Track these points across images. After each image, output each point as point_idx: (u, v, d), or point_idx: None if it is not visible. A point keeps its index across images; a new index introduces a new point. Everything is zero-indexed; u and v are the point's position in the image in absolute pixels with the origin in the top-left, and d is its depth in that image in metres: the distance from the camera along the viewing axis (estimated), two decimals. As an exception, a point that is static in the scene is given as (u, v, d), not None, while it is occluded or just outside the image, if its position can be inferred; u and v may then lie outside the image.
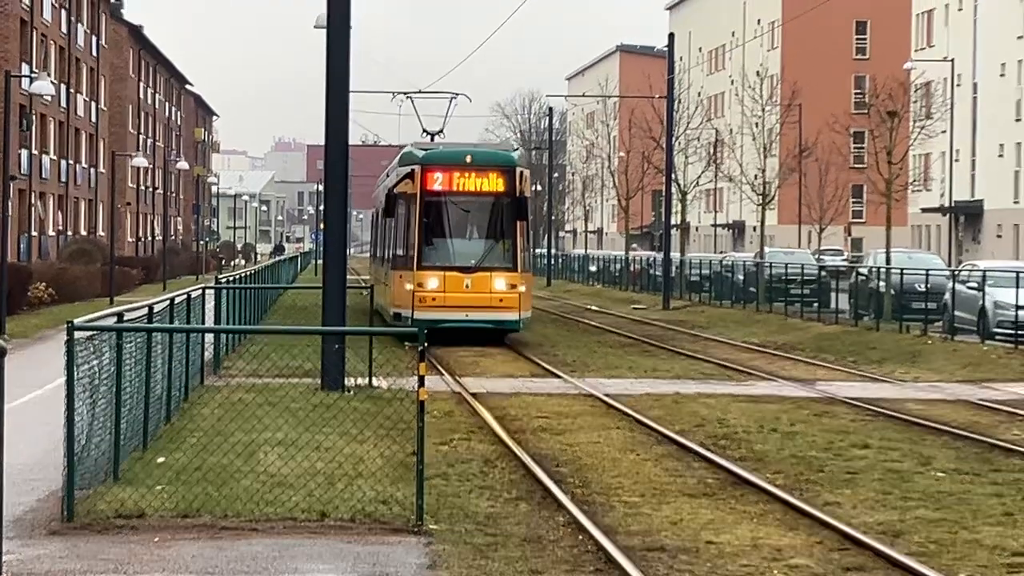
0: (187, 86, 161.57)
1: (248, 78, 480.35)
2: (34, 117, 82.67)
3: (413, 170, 45.05)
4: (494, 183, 44.62)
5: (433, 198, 44.87)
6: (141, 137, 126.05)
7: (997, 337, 43.90)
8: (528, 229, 47.27)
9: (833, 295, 60.32)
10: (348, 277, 35.95)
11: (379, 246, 59.44)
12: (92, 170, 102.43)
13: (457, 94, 53.98)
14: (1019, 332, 42.31)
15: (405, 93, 55.14)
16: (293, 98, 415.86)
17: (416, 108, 54.01)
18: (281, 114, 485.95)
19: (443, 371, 34.37)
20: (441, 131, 52.17)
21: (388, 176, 54.79)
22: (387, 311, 49.24)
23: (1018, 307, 42.48)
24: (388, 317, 48.78)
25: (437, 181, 44.30)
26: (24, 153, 78.72)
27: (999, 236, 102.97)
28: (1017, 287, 43.10)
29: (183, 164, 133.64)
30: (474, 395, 30.21)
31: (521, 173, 45.61)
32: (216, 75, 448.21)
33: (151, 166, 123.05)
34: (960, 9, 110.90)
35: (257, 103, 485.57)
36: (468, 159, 44.96)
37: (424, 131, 52.52)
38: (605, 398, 30.16)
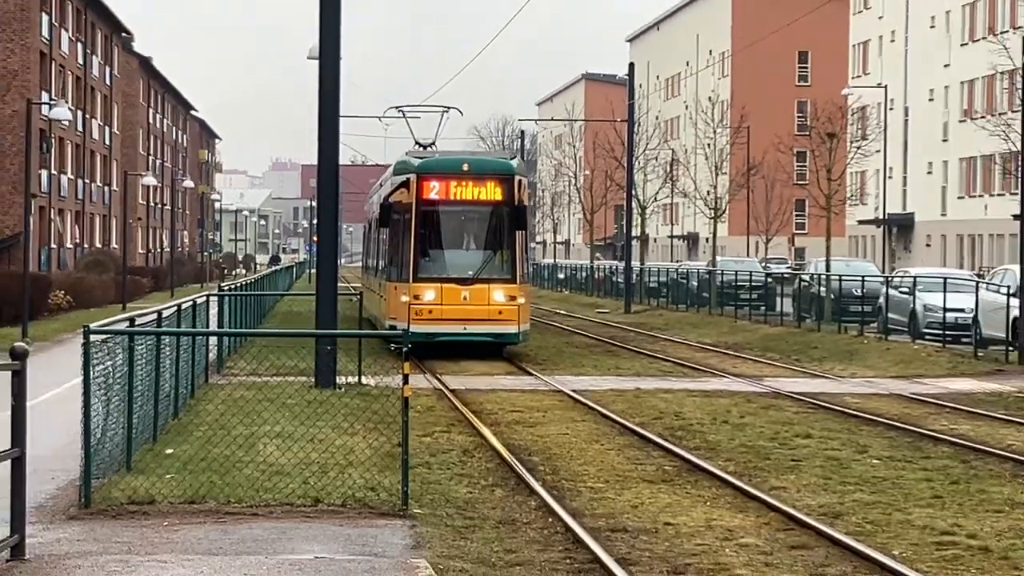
0: (192, 112, 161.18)
1: (248, 104, 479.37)
2: (53, 140, 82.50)
3: (409, 179, 39.54)
4: (492, 192, 39.21)
5: (429, 207, 39.50)
6: (150, 158, 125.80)
7: (926, 337, 44.00)
8: (527, 239, 42.30)
9: (778, 299, 60.52)
10: (339, 285, 36.05)
11: (372, 257, 52.92)
12: (106, 188, 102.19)
13: (448, 108, 48.16)
14: (946, 332, 42.42)
15: (397, 107, 48.39)
16: (289, 122, 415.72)
17: (408, 122, 48.11)
18: (278, 136, 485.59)
19: (425, 370, 34.22)
20: (433, 143, 46.83)
21: (382, 186, 49.25)
22: (381, 323, 43.54)
23: (945, 310, 42.68)
24: (383, 329, 41.84)
25: (433, 190, 38.92)
26: (44, 173, 78.51)
27: (928, 245, 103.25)
28: (944, 292, 43.30)
29: (189, 183, 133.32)
30: (453, 391, 30.17)
31: (519, 181, 40.27)
32: (218, 101, 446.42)
33: (159, 184, 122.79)
34: (892, 40, 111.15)
35: (256, 127, 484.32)
36: (465, 167, 39.59)
37: (416, 143, 46.52)
38: (572, 394, 30.13)
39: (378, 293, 45.98)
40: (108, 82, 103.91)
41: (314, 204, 46.34)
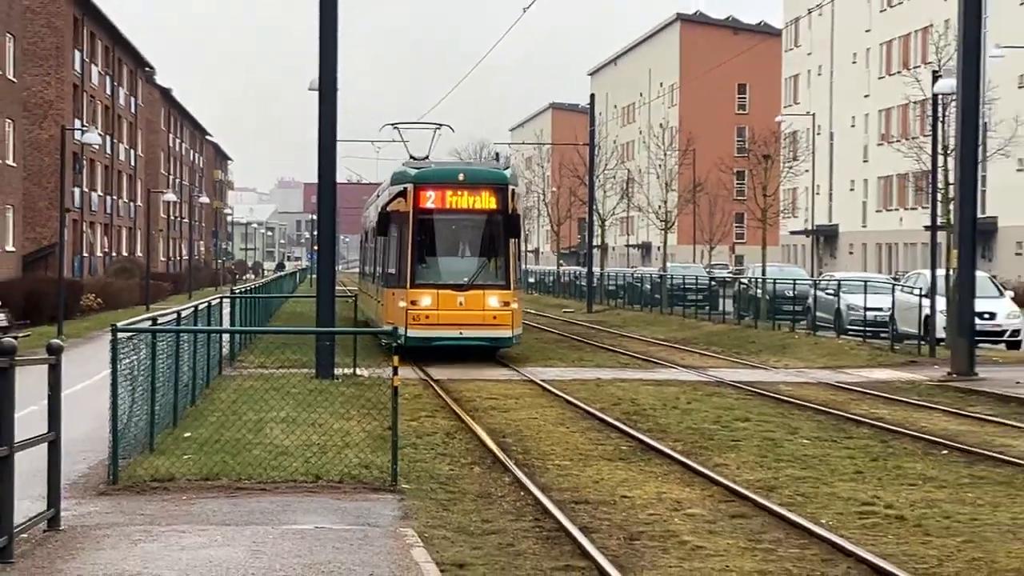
0: (207, 136, 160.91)
1: (257, 128, 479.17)
2: (85, 162, 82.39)
3: (406, 188, 35.97)
4: (487, 201, 36.00)
5: (426, 216, 35.90)
6: (170, 177, 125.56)
7: (849, 332, 44.12)
8: (519, 246, 39.13)
9: (720, 300, 60.62)
10: (336, 289, 36.01)
11: (370, 264, 48.70)
12: (131, 204, 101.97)
13: (441, 125, 44.73)
14: (866, 328, 42.57)
15: (393, 124, 44.99)
16: (294, 145, 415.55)
17: (403, 137, 44.72)
18: (283, 157, 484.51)
19: (412, 362, 34.16)
20: (427, 157, 43.03)
21: (379, 196, 44.98)
22: (379, 327, 38.94)
23: (865, 309, 42.88)
24: (391, 342, 35.64)
25: (430, 199, 35.59)
26: (77, 191, 78.35)
27: (851, 253, 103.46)
28: (865, 293, 43.55)
29: (204, 199, 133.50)
30: (436, 381, 30.08)
31: (513, 191, 37.11)
32: (231, 126, 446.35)
33: (178, 200, 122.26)
34: (819, 74, 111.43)
35: (264, 149, 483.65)
36: (461, 177, 36.51)
37: (411, 157, 42.77)
38: (541, 383, 30.10)
39: (375, 299, 42.50)
40: (133, 111, 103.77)
41: (315, 218, 46.11)
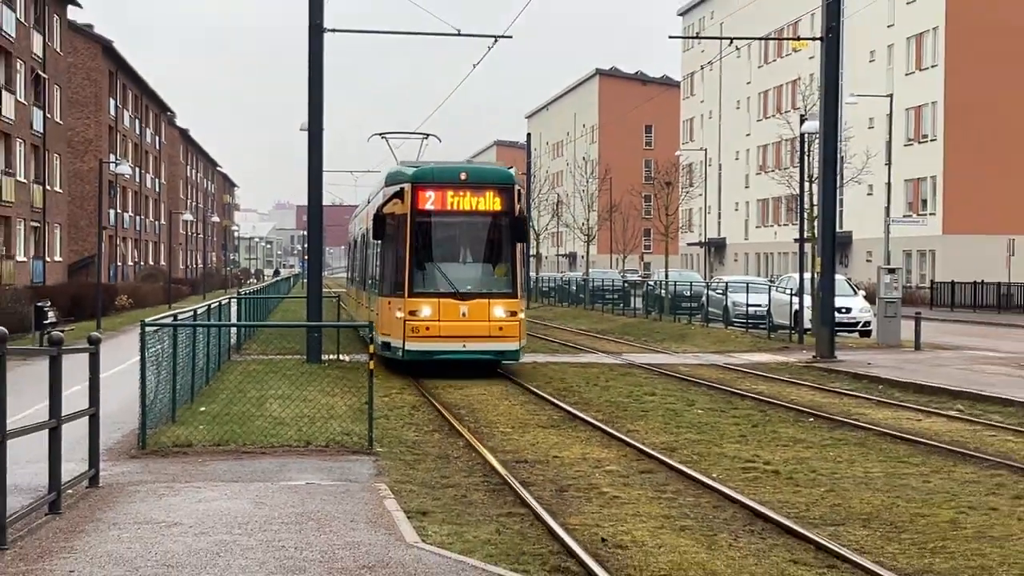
0: (218, 167, 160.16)
1: (259, 160, 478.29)
2: (118, 189, 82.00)
3: (402, 188, 28.07)
4: (491, 202, 28.37)
5: (425, 218, 28.01)
6: (188, 201, 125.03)
7: (734, 324, 44.33)
8: (527, 251, 29.79)
9: (632, 299, 60.76)
10: (323, 291, 35.77)
11: (360, 270, 39.41)
12: (156, 222, 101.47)
13: (428, 135, 38.11)
14: (748, 321, 42.82)
15: (381, 134, 37.16)
16: (289, 173, 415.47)
17: (391, 146, 37.46)
18: (280, 184, 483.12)
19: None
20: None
21: (369, 202, 35.75)
22: (374, 338, 28.91)
23: (747, 305, 43.21)
24: (375, 347, 25.58)
25: (429, 200, 27.88)
26: (112, 212, 77.94)
27: (735, 260, 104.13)
28: (747, 293, 43.94)
29: (215, 218, 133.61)
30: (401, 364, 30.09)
31: (519, 191, 29.48)
32: (237, 158, 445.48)
33: (194, 219, 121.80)
34: (710, 117, 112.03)
35: (264, 177, 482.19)
36: (463, 176, 28.43)
37: (400, 163, 33.64)
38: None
39: (367, 307, 33.53)
40: (157, 147, 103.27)
41: (305, 233, 45.57)
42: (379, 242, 29.16)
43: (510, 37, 30.89)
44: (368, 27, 44.31)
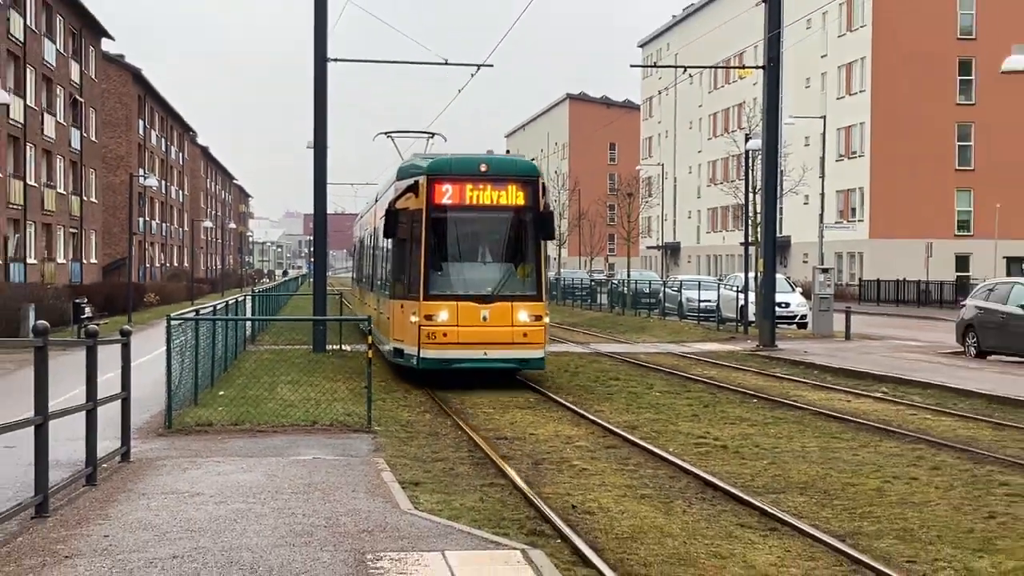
0: (234, 180, 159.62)
1: (271, 173, 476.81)
2: (146, 199, 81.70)
3: (417, 182, 22.92)
4: (514, 196, 23.01)
5: (442, 214, 22.74)
6: (208, 210, 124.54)
7: (688, 317, 44.53)
8: (546, 250, 24.93)
9: (598, 295, 60.89)
10: (327, 289, 35.63)
11: (369, 271, 32.58)
12: (180, 229, 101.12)
13: (434, 134, 32.02)
14: (700, 314, 42.93)
15: (386, 133, 31.82)
16: (297, 184, 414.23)
17: (397, 146, 31.99)
18: (289, 194, 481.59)
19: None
20: None
21: (378, 199, 29.84)
22: (384, 344, 24.68)
23: (699, 300, 43.33)
24: (387, 353, 24.35)
25: (447, 194, 22.69)
26: (141, 220, 77.64)
27: (689, 262, 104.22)
28: (699, 290, 44.11)
29: (232, 225, 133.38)
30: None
31: (543, 185, 23.75)
32: (251, 171, 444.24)
33: (214, 226, 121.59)
34: (667, 136, 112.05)
35: (276, 188, 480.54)
36: (483, 167, 22.96)
37: (414, 155, 28.09)
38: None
39: (377, 310, 27.41)
40: (180, 163, 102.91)
41: (311, 238, 45.43)
42: (391, 240, 23.85)
43: (491, 66, 30.83)
44: (368, 56, 44.07)
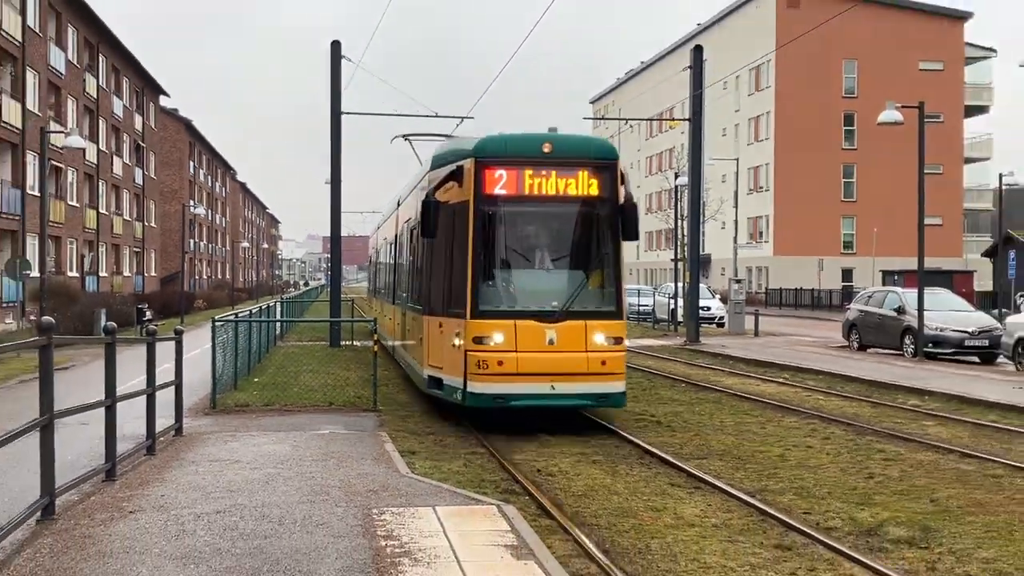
0: (266, 208, 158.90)
1: (297, 203, 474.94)
2: (195, 225, 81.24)
3: (461, 167, 13.46)
4: (587, 184, 13.44)
5: (495, 207, 13.24)
6: (245, 232, 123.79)
7: (629, 318, 44.50)
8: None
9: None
10: (342, 297, 35.46)
11: (390, 279, 22.75)
12: (223, 248, 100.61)
13: (451, 136, 21.44)
14: (640, 316, 42.98)
15: (404, 136, 23.00)
16: (317, 212, 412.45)
17: (415, 150, 22.71)
18: (310, 220, 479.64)
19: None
20: None
21: (399, 204, 21.00)
22: (415, 371, 16.51)
23: (639, 305, 43.45)
24: (419, 383, 16.07)
25: (501, 181, 13.19)
26: (191, 241, 77.26)
27: (631, 274, 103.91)
28: (638, 296, 44.12)
29: (265, 245, 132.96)
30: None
31: (622, 172, 13.87)
32: (281, 201, 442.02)
33: (250, 246, 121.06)
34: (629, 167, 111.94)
35: (300, 215, 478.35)
36: (546, 148, 13.36)
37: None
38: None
39: (403, 327, 18.77)
40: (223, 195, 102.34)
41: (328, 255, 45.27)
42: (425, 243, 14.72)
43: (472, 117, 30.71)
44: (375, 110, 43.84)
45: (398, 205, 21.34)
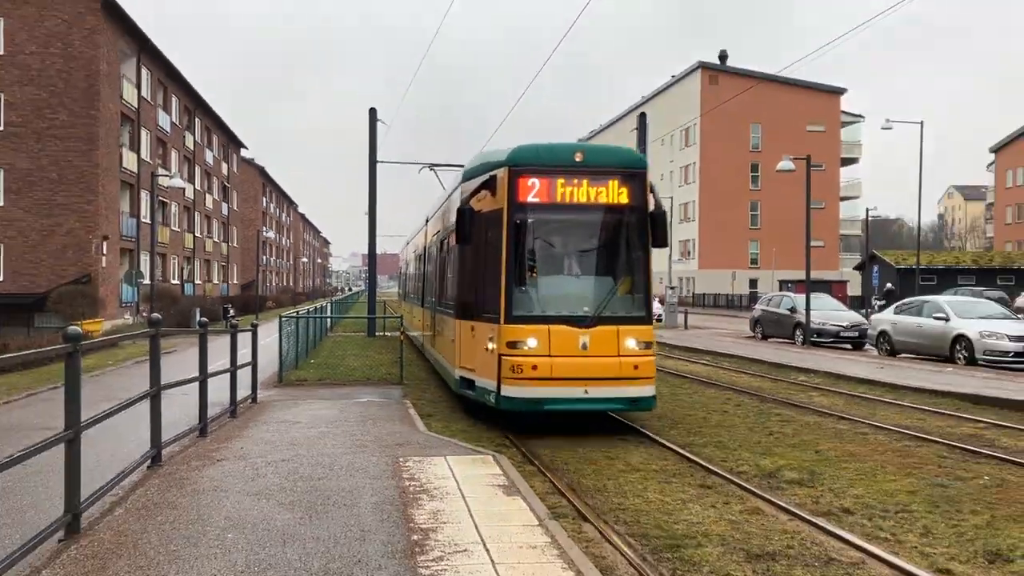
0: (320, 232, 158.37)
1: (345, 226, 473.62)
2: (268, 245, 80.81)
3: (495, 176, 9.93)
4: (618, 192, 9.85)
5: (528, 214, 9.67)
6: (305, 250, 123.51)
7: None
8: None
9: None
10: (377, 299, 35.24)
11: (418, 284, 19.81)
12: (289, 263, 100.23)
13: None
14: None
15: (431, 166, 23.46)
16: (358, 233, 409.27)
17: (440, 179, 23.70)
18: (354, 240, 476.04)
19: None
20: None
21: (428, 221, 17.53)
22: (447, 371, 12.69)
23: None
24: (451, 383, 12.07)
25: (534, 189, 9.56)
26: (264, 257, 76.91)
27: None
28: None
29: (319, 260, 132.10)
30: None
31: (651, 182, 10.39)
32: (332, 225, 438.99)
33: (308, 261, 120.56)
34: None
35: (347, 237, 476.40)
36: (578, 156, 9.77)
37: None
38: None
39: (434, 330, 15.37)
40: (288, 222, 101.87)
41: (367, 268, 45.09)
42: (458, 249, 11.55)
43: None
44: (402, 159, 43.63)
45: (426, 222, 18.26)
